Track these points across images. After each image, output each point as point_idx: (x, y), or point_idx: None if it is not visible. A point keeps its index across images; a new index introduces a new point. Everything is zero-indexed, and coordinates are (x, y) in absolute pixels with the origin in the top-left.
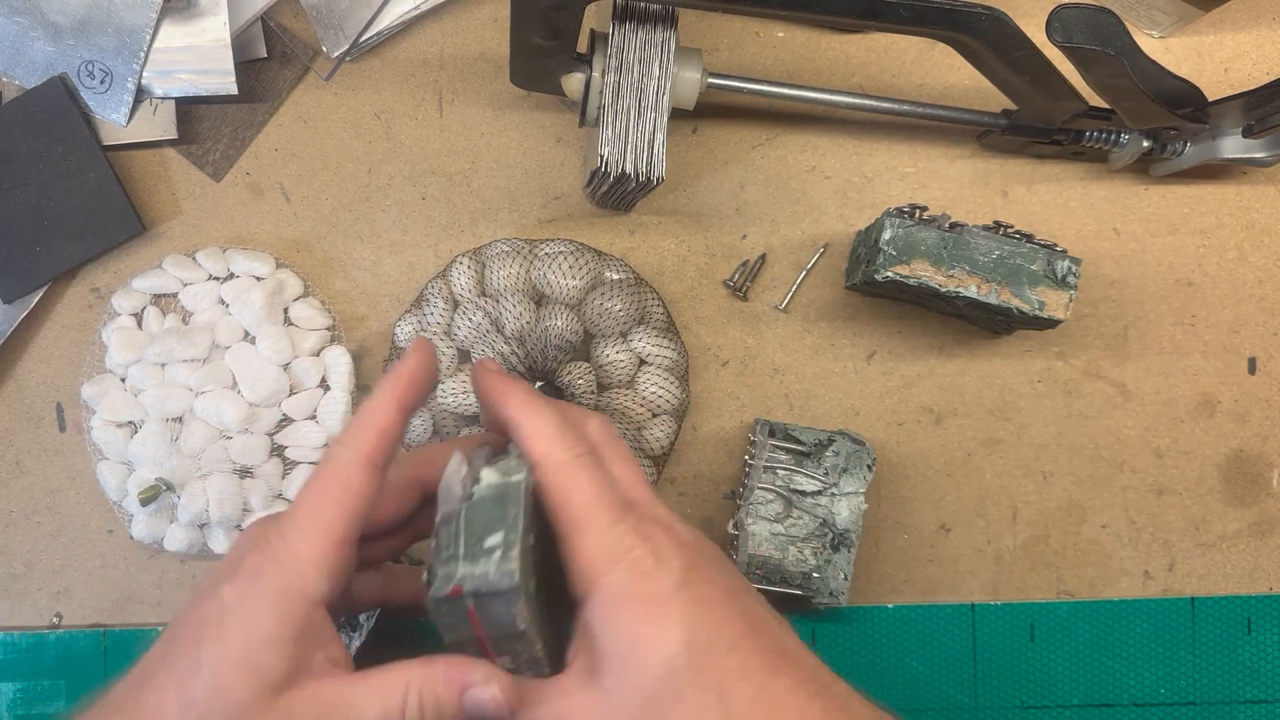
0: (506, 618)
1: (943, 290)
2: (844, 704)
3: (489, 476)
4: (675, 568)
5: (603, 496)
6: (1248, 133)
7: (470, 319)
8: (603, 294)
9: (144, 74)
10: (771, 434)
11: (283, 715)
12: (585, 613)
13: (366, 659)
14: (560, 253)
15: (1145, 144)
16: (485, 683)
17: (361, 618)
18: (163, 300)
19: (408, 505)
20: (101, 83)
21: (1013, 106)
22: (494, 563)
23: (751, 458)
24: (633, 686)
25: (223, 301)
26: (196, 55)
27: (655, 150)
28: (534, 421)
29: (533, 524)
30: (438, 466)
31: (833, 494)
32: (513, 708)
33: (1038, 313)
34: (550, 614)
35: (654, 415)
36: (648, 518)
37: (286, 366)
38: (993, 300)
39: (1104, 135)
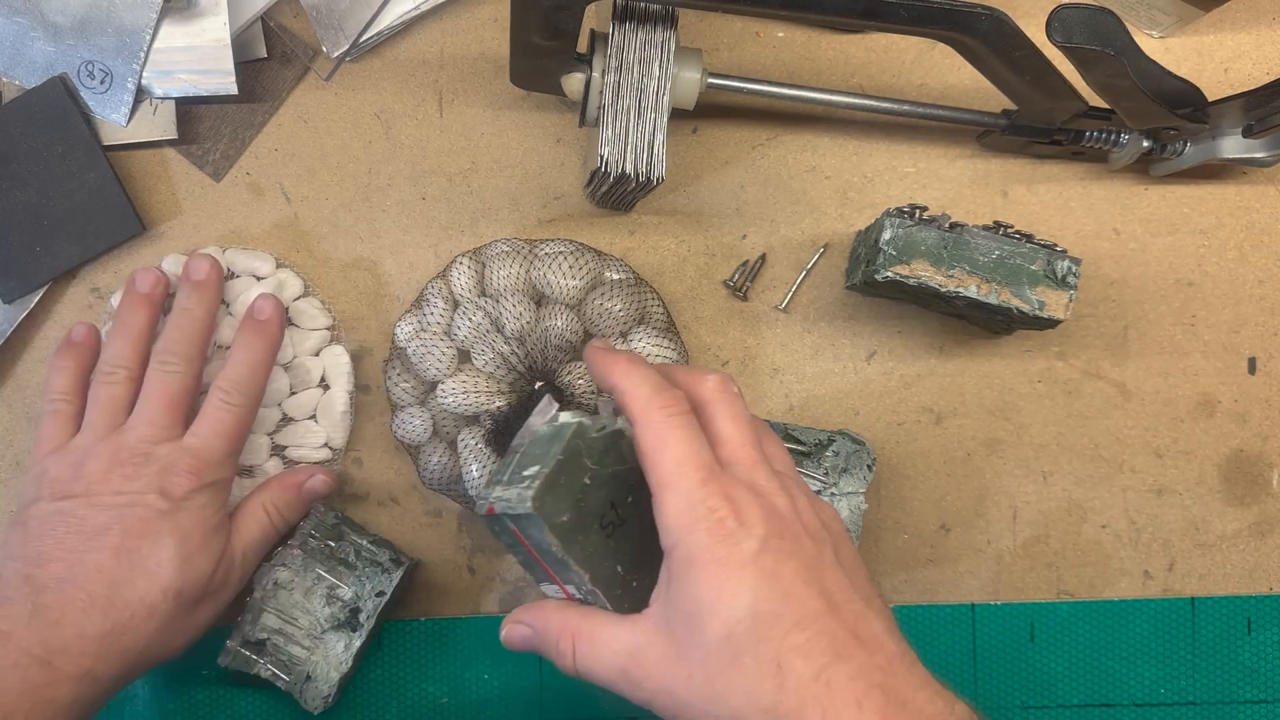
0: (543, 542)
1: (943, 290)
2: (908, 699)
3: (563, 418)
4: (756, 535)
5: (693, 456)
6: (1248, 133)
7: (470, 319)
8: (603, 294)
9: (144, 74)
10: None
11: (219, 575)
12: (666, 567)
13: (368, 657)
14: (560, 253)
15: (1145, 144)
16: (309, 475)
17: (362, 617)
18: None
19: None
20: (101, 83)
21: (1013, 106)
22: (520, 490)
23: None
24: (696, 642)
25: (222, 301)
26: (196, 55)
27: (655, 150)
28: (632, 384)
29: (598, 465)
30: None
31: (833, 494)
32: (332, 487)
33: (1038, 313)
34: (634, 556)
35: None
36: (742, 482)
37: (287, 366)
38: (993, 300)
39: (1104, 135)
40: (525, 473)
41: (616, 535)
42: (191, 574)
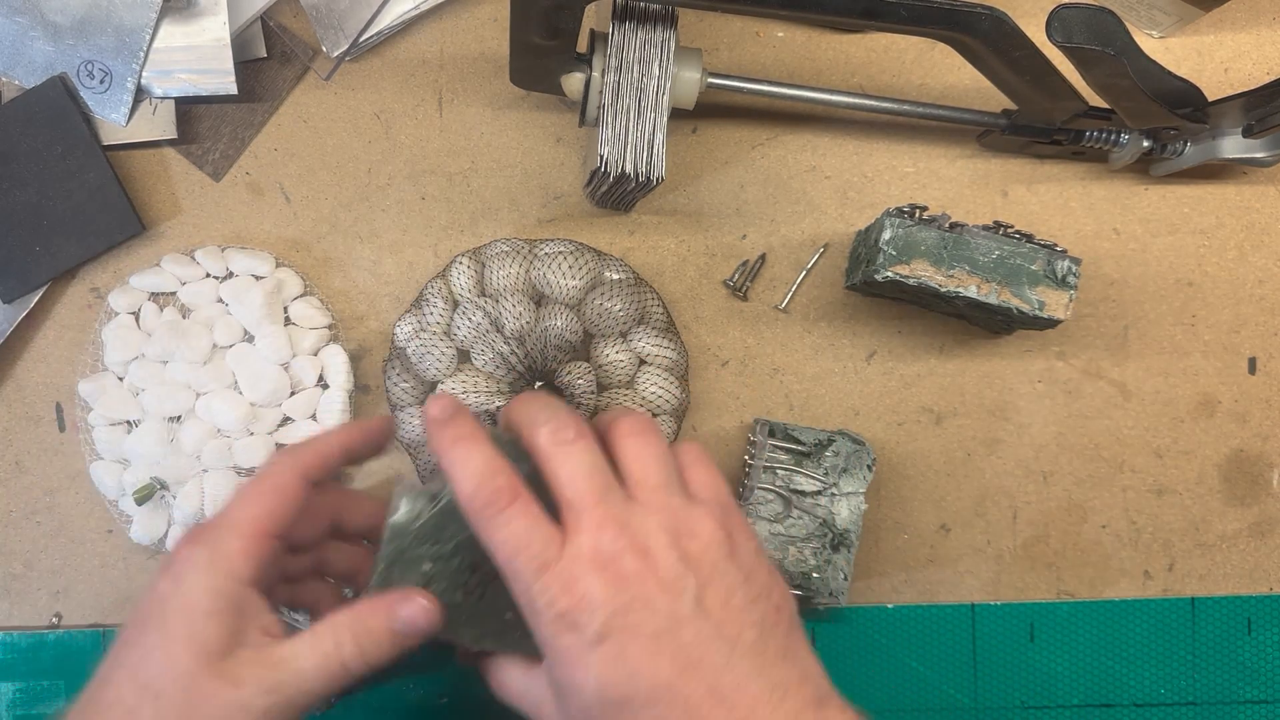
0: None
1: (943, 290)
2: None
3: (397, 513)
4: (598, 619)
5: (524, 548)
6: (1248, 133)
7: (470, 319)
8: (602, 294)
9: (144, 74)
10: (771, 434)
11: (228, 678)
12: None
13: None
14: (560, 253)
15: (1145, 144)
16: (407, 599)
17: None
18: (161, 298)
19: (319, 530)
20: (101, 82)
21: (1013, 106)
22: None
23: (751, 458)
24: (567, 714)
25: (222, 301)
26: (196, 55)
27: (655, 150)
28: (461, 473)
29: (437, 544)
30: (351, 510)
31: (832, 494)
32: (439, 624)
33: (1038, 313)
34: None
35: (654, 415)
36: (580, 557)
37: (286, 366)
38: (993, 300)
39: (1104, 135)
40: (370, 582)
41: (490, 591)
42: (174, 668)
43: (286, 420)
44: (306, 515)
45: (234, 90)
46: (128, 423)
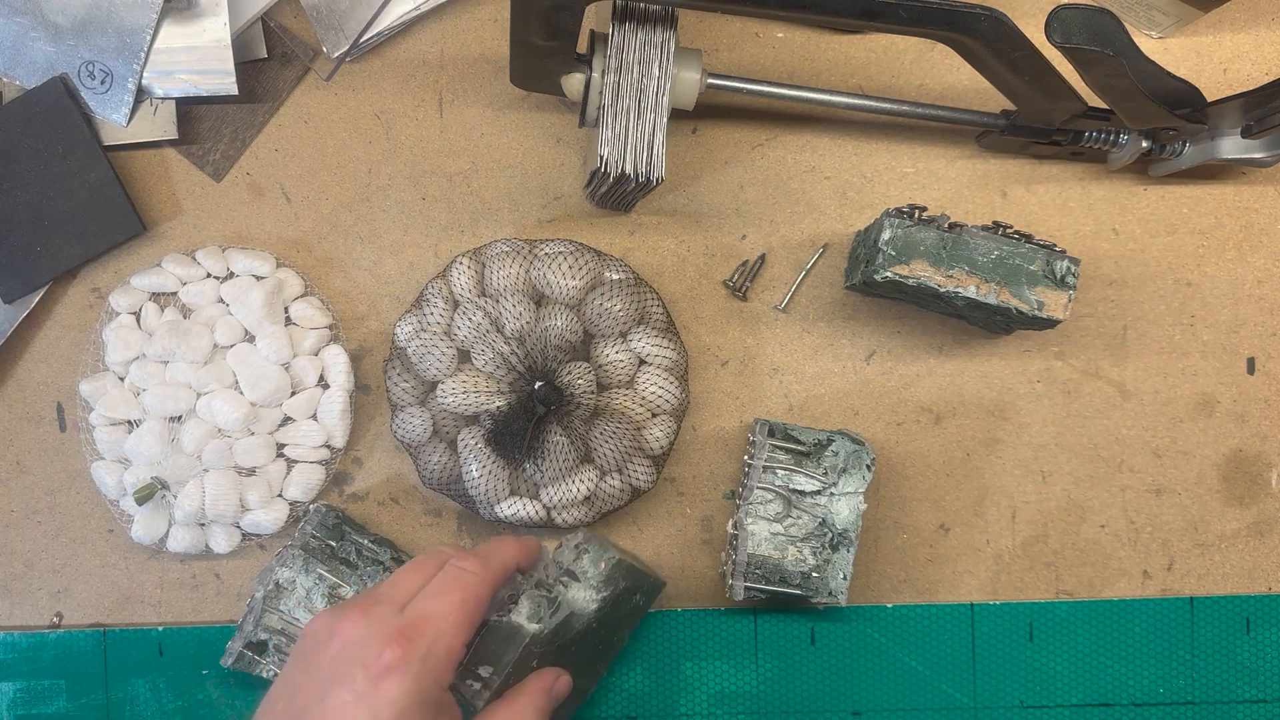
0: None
1: (942, 290)
2: None
3: (520, 618)
4: None
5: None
6: (1246, 133)
7: (470, 319)
8: (602, 294)
9: (144, 74)
10: (771, 434)
11: None
12: None
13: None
14: (560, 253)
15: (1144, 144)
16: (558, 679)
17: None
18: (161, 298)
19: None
20: (102, 83)
21: (1012, 107)
22: (472, 693)
23: (751, 458)
24: None
25: (223, 301)
26: (197, 55)
27: (655, 150)
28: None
29: (547, 647)
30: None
31: (832, 494)
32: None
33: (1037, 313)
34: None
35: (654, 415)
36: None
37: (287, 366)
38: (992, 300)
39: (1103, 135)
40: (479, 670)
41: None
42: None
43: (287, 420)
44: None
45: (235, 91)
46: (128, 423)
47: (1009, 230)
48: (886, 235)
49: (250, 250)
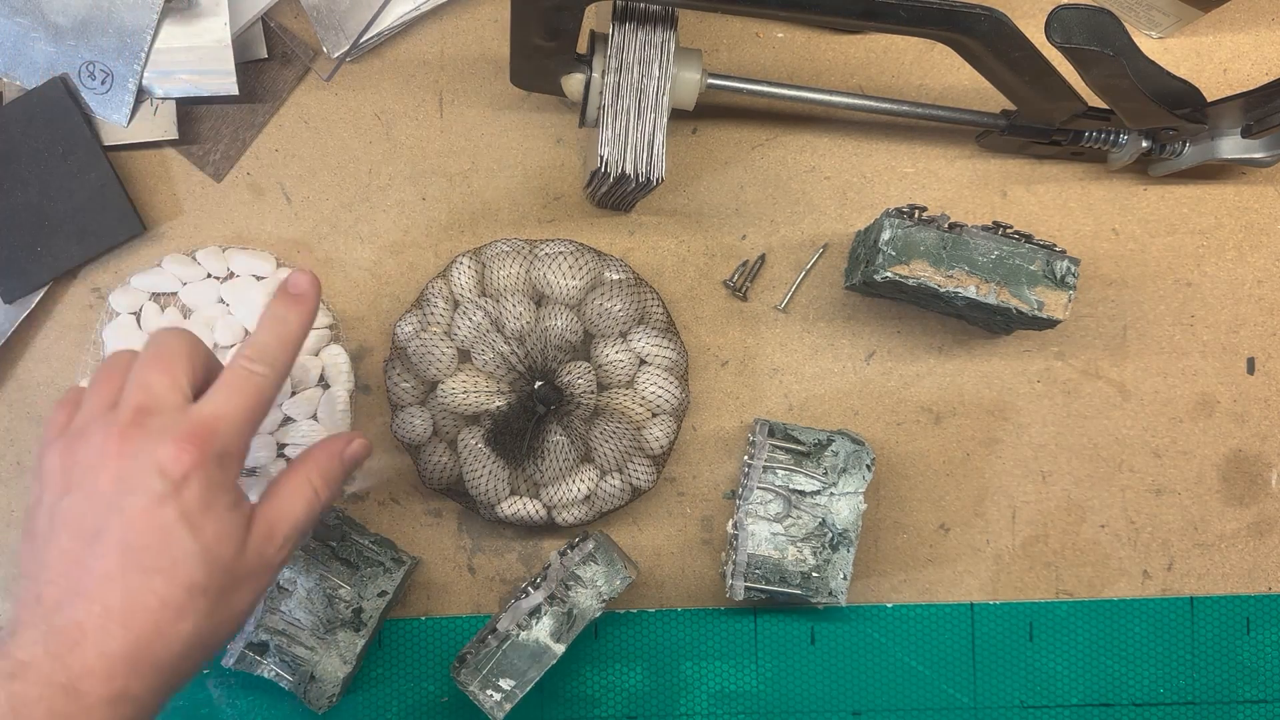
0: None
1: (942, 290)
2: None
3: (544, 637)
4: None
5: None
6: (1246, 133)
7: (470, 319)
8: (603, 294)
9: (145, 74)
10: (771, 434)
11: (252, 556)
12: None
13: (369, 656)
14: (560, 253)
15: (1144, 144)
16: (349, 442)
17: (364, 617)
18: (162, 299)
19: None
20: (102, 83)
21: (1012, 107)
22: (490, 700)
23: (751, 458)
24: None
25: (223, 301)
26: (197, 56)
27: (655, 150)
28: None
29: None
30: None
31: (832, 494)
32: (369, 451)
33: (1036, 313)
34: None
35: (654, 415)
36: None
37: None
38: (992, 300)
39: (1103, 135)
40: (500, 683)
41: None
42: (214, 561)
43: (287, 420)
44: None
45: (235, 91)
46: None
47: (1009, 230)
48: (886, 235)
49: (251, 250)
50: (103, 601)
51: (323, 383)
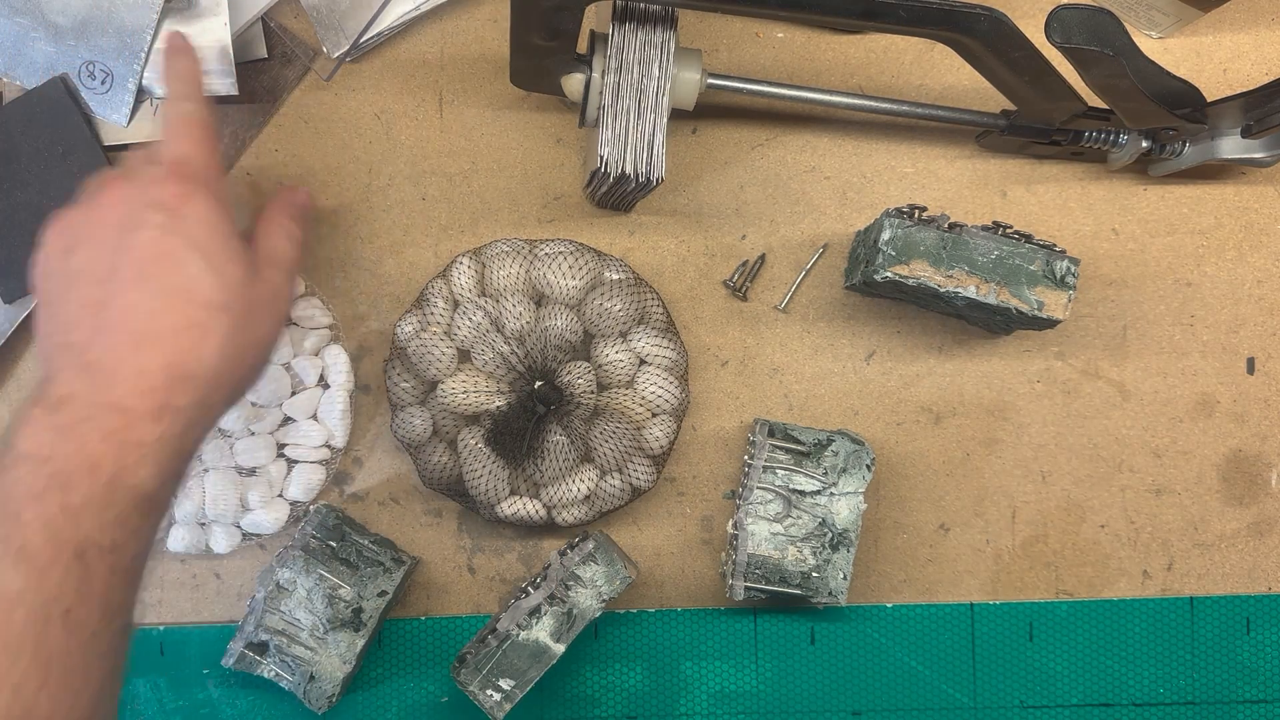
0: None
1: (942, 290)
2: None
3: (544, 636)
4: None
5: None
6: (1246, 133)
7: (470, 319)
8: (602, 294)
9: (145, 74)
10: (771, 434)
11: (263, 282)
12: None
13: (368, 656)
14: (560, 253)
15: (1144, 144)
16: (293, 192)
17: (364, 617)
18: None
19: None
20: (102, 83)
21: (1012, 107)
22: (490, 699)
23: (751, 458)
24: None
25: None
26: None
27: (655, 150)
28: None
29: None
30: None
31: (832, 494)
32: (310, 202)
33: (1036, 313)
34: None
35: (654, 415)
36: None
37: (287, 366)
38: (992, 300)
39: (1103, 135)
40: (500, 683)
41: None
42: (227, 280)
43: (287, 420)
44: None
45: (235, 91)
46: None
47: (1009, 230)
48: (886, 235)
49: None
50: (128, 330)
51: (323, 383)
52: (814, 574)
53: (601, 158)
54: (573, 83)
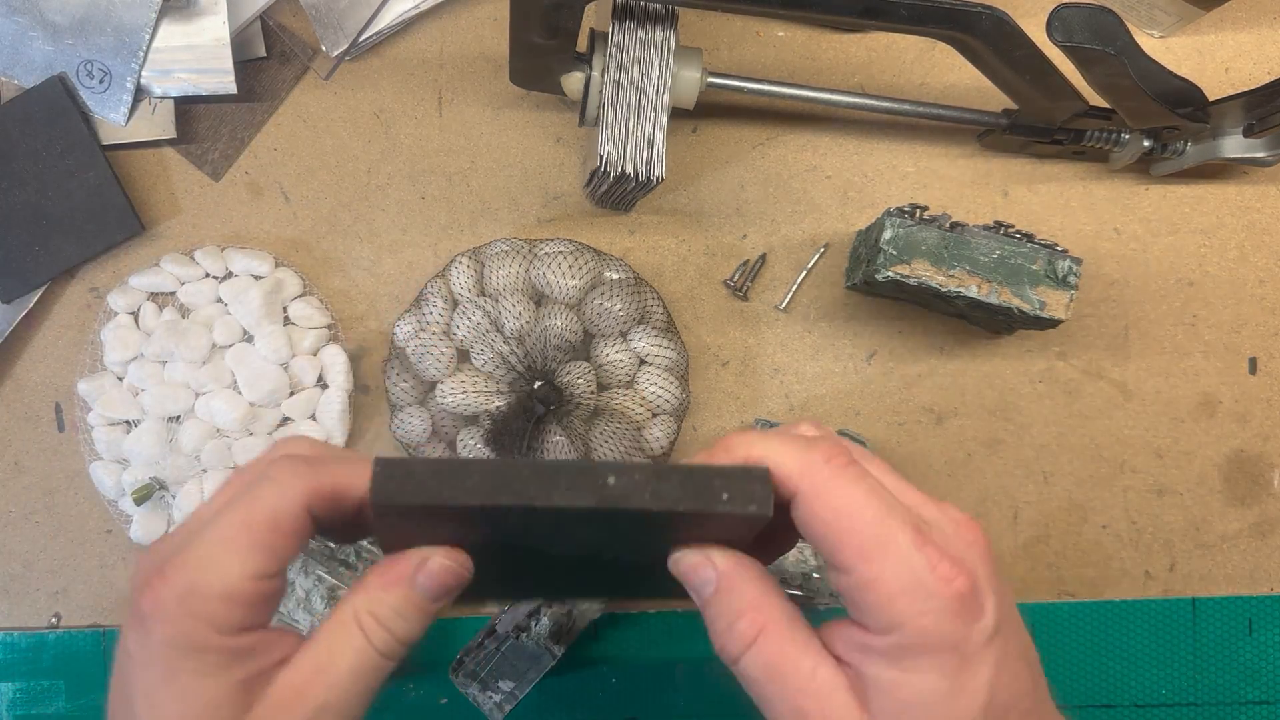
0: None
1: (943, 290)
2: None
3: (545, 633)
4: (989, 612)
5: (893, 511)
6: (1248, 132)
7: (469, 318)
8: (602, 294)
9: (143, 73)
10: None
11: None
12: (878, 643)
13: None
14: (560, 252)
15: (1146, 144)
16: (423, 561)
17: None
18: (160, 298)
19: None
20: (100, 82)
21: (1013, 106)
22: (489, 702)
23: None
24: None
25: (221, 300)
26: (196, 54)
27: (655, 150)
28: (775, 449)
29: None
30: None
31: None
32: (467, 572)
33: (1038, 312)
34: None
35: (654, 415)
36: (946, 532)
37: (286, 366)
38: (993, 300)
39: (1104, 135)
40: (500, 684)
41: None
42: None
43: (286, 420)
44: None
45: (233, 90)
46: (127, 423)
47: (1010, 230)
48: (888, 235)
49: (249, 250)
50: None
51: (321, 383)
52: (815, 574)
53: (601, 157)
54: (572, 81)
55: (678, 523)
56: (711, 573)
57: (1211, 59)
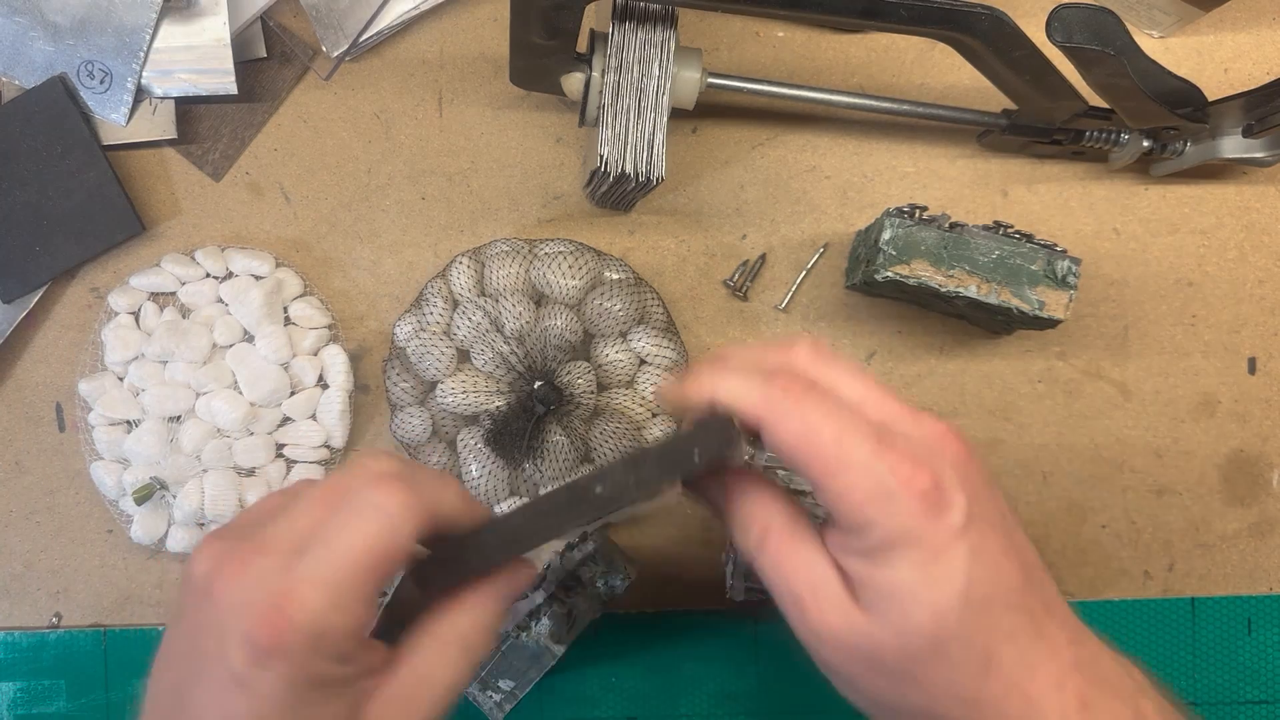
0: None
1: (943, 290)
2: (1101, 674)
3: (545, 637)
4: (959, 503)
5: (851, 426)
6: (1248, 132)
7: (470, 319)
8: (602, 294)
9: (143, 74)
10: None
11: None
12: (856, 543)
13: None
14: (560, 253)
15: (1145, 144)
16: (515, 574)
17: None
18: (161, 298)
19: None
20: (101, 82)
21: (1013, 106)
22: (490, 703)
23: (751, 458)
24: (895, 632)
25: (221, 301)
26: (196, 55)
27: (655, 150)
28: (733, 387)
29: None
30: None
31: None
32: (533, 576)
33: (1038, 313)
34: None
35: (654, 415)
36: (912, 440)
37: (286, 366)
38: (993, 300)
39: (1104, 135)
40: (500, 684)
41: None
42: None
43: (286, 420)
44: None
45: (234, 90)
46: (128, 423)
47: (1010, 230)
48: (887, 235)
49: (249, 250)
50: None
51: (321, 383)
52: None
53: (601, 157)
54: (572, 82)
55: (667, 485)
56: (720, 492)
57: (1210, 59)
